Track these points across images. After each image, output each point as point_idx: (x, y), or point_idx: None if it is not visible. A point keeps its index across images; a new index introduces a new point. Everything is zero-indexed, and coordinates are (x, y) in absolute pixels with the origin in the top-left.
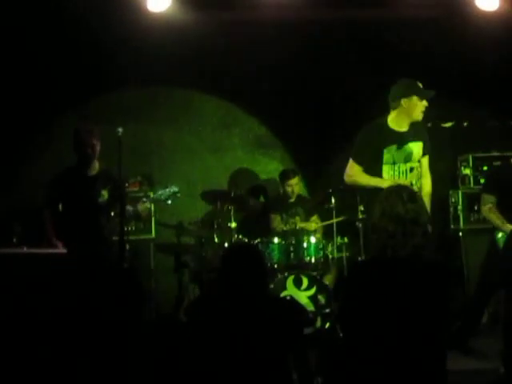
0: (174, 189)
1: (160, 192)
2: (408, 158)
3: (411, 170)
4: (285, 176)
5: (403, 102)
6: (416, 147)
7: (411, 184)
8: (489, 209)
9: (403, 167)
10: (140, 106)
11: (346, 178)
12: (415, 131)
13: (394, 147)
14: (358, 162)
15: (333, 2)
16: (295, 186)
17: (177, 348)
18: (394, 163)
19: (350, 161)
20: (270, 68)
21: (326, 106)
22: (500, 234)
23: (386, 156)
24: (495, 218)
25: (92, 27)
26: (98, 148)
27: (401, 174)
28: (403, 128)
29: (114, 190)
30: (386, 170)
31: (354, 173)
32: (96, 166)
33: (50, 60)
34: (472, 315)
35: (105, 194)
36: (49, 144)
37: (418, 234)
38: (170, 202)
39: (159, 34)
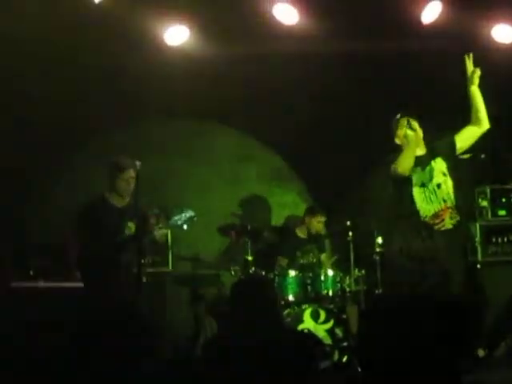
0: (191, 213)
1: (176, 217)
2: (431, 175)
3: (438, 186)
4: (316, 211)
5: (397, 134)
6: (437, 164)
7: (443, 200)
8: None
9: (431, 186)
10: (157, 139)
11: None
12: (430, 149)
13: (418, 169)
14: None
15: (351, 35)
16: (322, 223)
17: None
18: (422, 185)
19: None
20: (288, 100)
21: (342, 139)
22: None
23: (415, 178)
24: None
25: (109, 61)
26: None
27: (431, 194)
28: (421, 151)
29: (140, 223)
30: (416, 191)
31: None
32: (128, 199)
33: (73, 94)
34: (488, 347)
35: (132, 226)
36: (69, 176)
37: (435, 273)
38: (186, 226)
39: (177, 68)
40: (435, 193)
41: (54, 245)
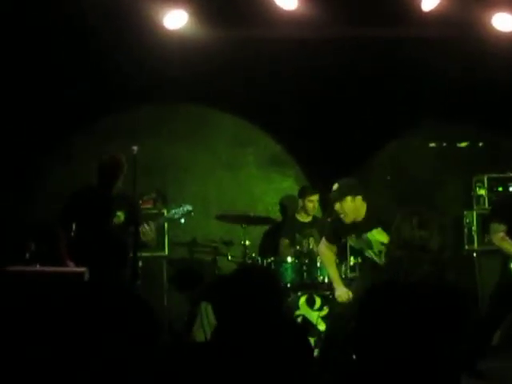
0: (188, 208)
1: (174, 211)
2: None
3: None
4: (306, 192)
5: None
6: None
7: None
8: (501, 238)
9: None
10: (155, 124)
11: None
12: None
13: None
14: None
15: (348, 21)
16: (316, 202)
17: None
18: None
19: None
20: (286, 86)
21: (341, 124)
22: None
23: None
24: (509, 246)
25: (109, 44)
26: (124, 171)
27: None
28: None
29: (130, 212)
30: None
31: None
32: (116, 187)
33: (68, 76)
34: (482, 337)
35: (120, 215)
36: (65, 161)
37: (425, 260)
38: (183, 220)
39: (175, 52)
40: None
41: (50, 229)
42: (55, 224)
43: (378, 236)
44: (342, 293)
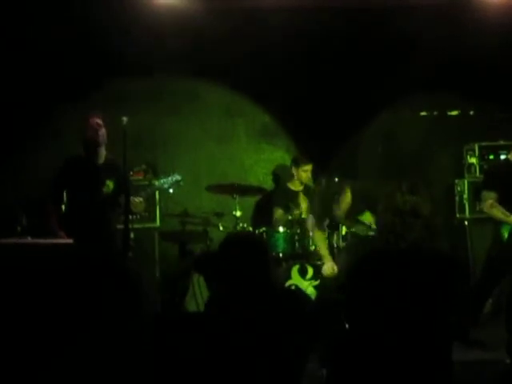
0: (177, 177)
1: (163, 180)
2: None
3: None
4: (299, 161)
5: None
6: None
7: None
8: (490, 205)
9: None
10: (144, 96)
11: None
12: None
13: None
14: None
15: None
16: (309, 172)
17: (180, 343)
18: None
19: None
20: (275, 56)
21: (331, 95)
22: (505, 227)
23: None
24: (498, 213)
25: (96, 17)
26: (105, 135)
27: None
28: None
29: (120, 181)
30: None
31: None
32: (103, 155)
33: (55, 49)
34: (474, 305)
35: (110, 184)
36: (55, 134)
37: (417, 226)
38: (171, 190)
39: (164, 23)
40: None
41: (41, 202)
42: (45, 197)
43: (367, 218)
44: (328, 267)
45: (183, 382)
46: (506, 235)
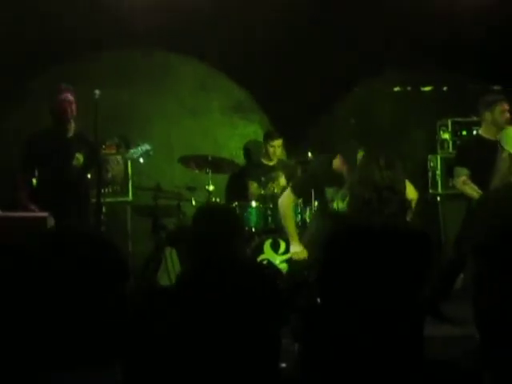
0: (147, 147)
1: (133, 150)
2: None
3: None
4: (269, 136)
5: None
6: None
7: None
8: (462, 182)
9: None
10: (117, 69)
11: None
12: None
13: None
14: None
15: None
16: (277, 148)
17: (153, 316)
18: None
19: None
20: (250, 31)
21: (305, 70)
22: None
23: None
24: (470, 190)
25: None
26: (74, 108)
27: None
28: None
29: (90, 154)
30: None
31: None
32: (72, 128)
33: (26, 20)
34: (445, 281)
35: (80, 157)
36: (23, 105)
37: (394, 201)
38: (142, 160)
39: None
40: None
41: (11, 175)
42: (15, 170)
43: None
44: (298, 251)
45: (156, 356)
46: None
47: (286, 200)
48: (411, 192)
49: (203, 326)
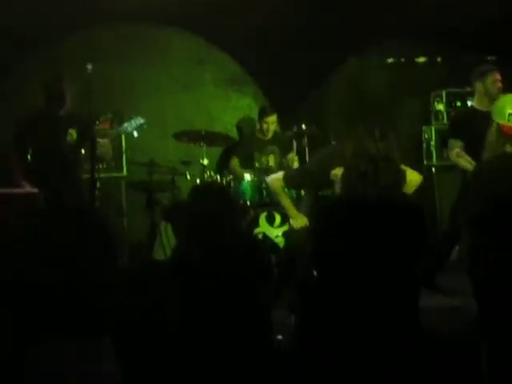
0: (140, 120)
1: (126, 124)
2: None
3: None
4: (263, 113)
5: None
6: None
7: None
8: (457, 153)
9: None
10: (109, 43)
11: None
12: None
13: None
14: None
15: None
16: (271, 124)
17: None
18: None
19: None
20: (245, 3)
21: (298, 42)
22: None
23: None
24: (464, 162)
25: None
26: (67, 90)
27: None
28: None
29: (83, 130)
30: None
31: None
32: (65, 104)
33: None
34: (441, 252)
35: (73, 133)
36: (16, 83)
37: (389, 171)
38: (136, 133)
39: None
40: None
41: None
42: (8, 148)
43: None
44: (298, 219)
45: (148, 328)
46: None
47: (276, 183)
48: (414, 176)
49: (197, 299)
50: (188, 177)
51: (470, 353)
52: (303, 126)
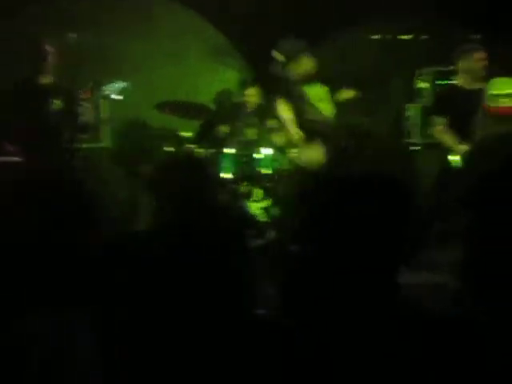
0: (121, 84)
1: (105, 87)
2: None
3: None
4: (243, 85)
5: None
6: None
7: None
8: (440, 130)
9: None
10: (95, 14)
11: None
12: None
13: None
14: None
15: None
16: (252, 96)
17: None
18: None
19: None
20: None
21: (284, 16)
22: (452, 154)
23: None
24: (448, 139)
25: None
26: (51, 55)
27: None
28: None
29: (67, 99)
30: None
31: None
32: (49, 73)
33: None
34: (422, 229)
35: (57, 102)
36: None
37: (370, 147)
38: (120, 97)
39: None
40: None
41: None
42: None
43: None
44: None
45: (128, 298)
46: (452, 162)
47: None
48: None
49: (174, 271)
50: (169, 148)
51: (455, 330)
52: None
